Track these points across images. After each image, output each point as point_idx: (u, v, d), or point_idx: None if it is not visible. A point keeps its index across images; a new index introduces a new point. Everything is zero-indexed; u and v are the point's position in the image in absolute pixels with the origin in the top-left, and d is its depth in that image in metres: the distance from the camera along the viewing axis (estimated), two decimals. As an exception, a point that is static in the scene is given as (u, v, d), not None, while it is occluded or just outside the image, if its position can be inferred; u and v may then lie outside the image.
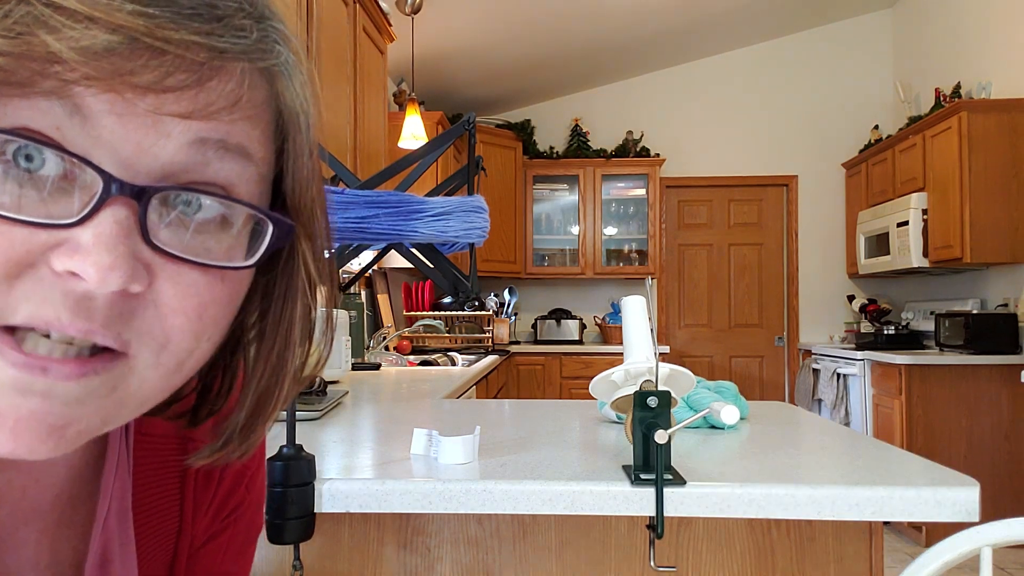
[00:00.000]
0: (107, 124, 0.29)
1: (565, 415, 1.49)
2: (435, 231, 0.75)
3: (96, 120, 0.29)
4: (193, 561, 0.53)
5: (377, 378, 2.48)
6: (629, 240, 5.44)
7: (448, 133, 0.83)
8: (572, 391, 4.86)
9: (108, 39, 0.27)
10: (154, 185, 0.31)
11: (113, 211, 0.30)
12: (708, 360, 5.61)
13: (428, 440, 1.08)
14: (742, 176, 5.57)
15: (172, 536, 0.50)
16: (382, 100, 2.93)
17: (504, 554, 1.12)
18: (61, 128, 0.29)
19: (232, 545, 0.55)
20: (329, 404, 1.57)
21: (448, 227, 0.76)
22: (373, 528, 1.12)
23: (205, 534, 0.53)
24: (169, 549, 0.50)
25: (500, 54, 4.74)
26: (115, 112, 0.29)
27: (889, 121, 5.39)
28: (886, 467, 1.00)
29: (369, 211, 0.73)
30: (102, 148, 0.30)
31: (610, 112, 5.68)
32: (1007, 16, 4.04)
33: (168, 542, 0.50)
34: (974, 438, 3.71)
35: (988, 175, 3.83)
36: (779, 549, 1.11)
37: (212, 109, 0.31)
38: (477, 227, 0.78)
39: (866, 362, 4.22)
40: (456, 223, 0.76)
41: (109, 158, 0.30)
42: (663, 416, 0.90)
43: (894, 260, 4.44)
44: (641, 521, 1.12)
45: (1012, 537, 0.86)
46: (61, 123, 0.29)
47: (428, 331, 4.19)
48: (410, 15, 3.72)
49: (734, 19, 4.98)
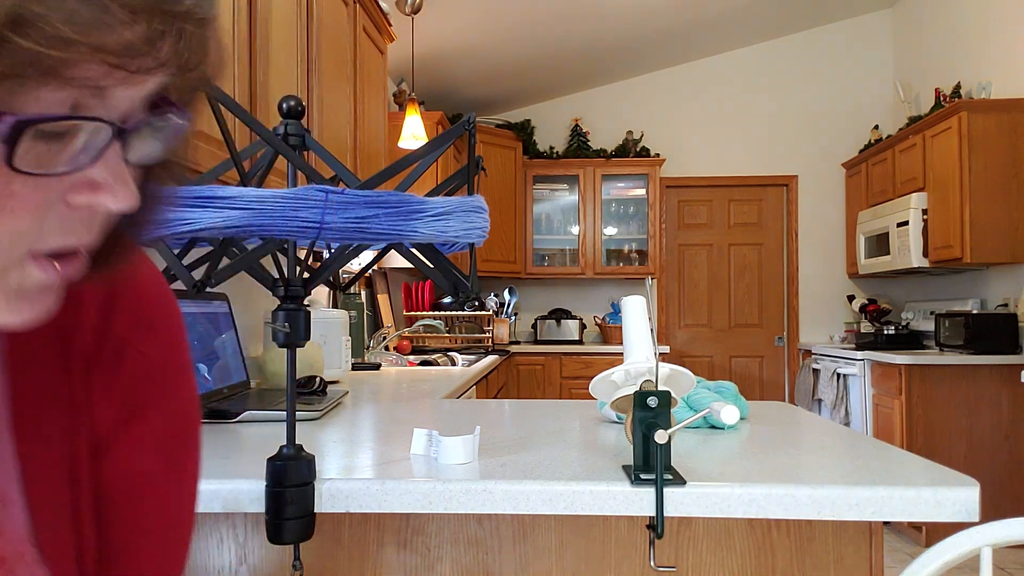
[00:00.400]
0: (117, 94, 0.37)
1: (565, 415, 1.49)
2: (435, 231, 0.75)
3: (110, 93, 0.37)
4: (101, 460, 0.51)
5: (377, 378, 2.48)
6: (629, 240, 5.44)
7: (448, 133, 0.83)
8: (572, 391, 4.86)
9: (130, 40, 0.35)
10: (129, 125, 0.39)
11: (113, 151, 0.38)
12: (708, 360, 5.61)
13: (428, 440, 1.08)
14: (742, 176, 5.57)
15: (66, 434, 0.49)
16: (382, 100, 2.93)
17: (504, 554, 1.12)
18: (80, 103, 0.36)
19: (149, 439, 0.53)
20: (329, 404, 1.57)
21: (448, 227, 0.76)
22: (373, 528, 1.12)
23: (110, 425, 0.51)
24: (65, 450, 0.49)
25: (500, 54, 4.74)
26: (124, 85, 0.37)
27: (889, 121, 5.40)
28: (886, 467, 1.00)
29: (369, 211, 0.73)
30: (111, 109, 0.37)
31: (610, 112, 5.68)
32: (1007, 16, 4.04)
33: (63, 442, 0.49)
34: (974, 438, 3.71)
35: (988, 175, 3.83)
36: (779, 549, 1.11)
37: None
38: (477, 227, 0.78)
39: (866, 362, 4.22)
40: (456, 223, 0.76)
41: (111, 114, 0.37)
42: (663, 416, 0.90)
43: (894, 260, 4.44)
44: (641, 521, 1.12)
45: (1012, 537, 0.86)
46: (83, 100, 0.36)
47: (428, 331, 4.19)
48: (410, 15, 3.72)
49: (734, 19, 4.98)
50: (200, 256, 0.84)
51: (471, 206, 0.77)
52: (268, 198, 0.74)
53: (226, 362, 1.68)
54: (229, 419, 1.42)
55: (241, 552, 1.12)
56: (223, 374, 1.64)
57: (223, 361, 1.66)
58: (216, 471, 0.98)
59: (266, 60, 1.71)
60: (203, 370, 1.53)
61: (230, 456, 1.09)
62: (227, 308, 1.79)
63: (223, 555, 1.12)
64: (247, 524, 1.12)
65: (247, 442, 1.21)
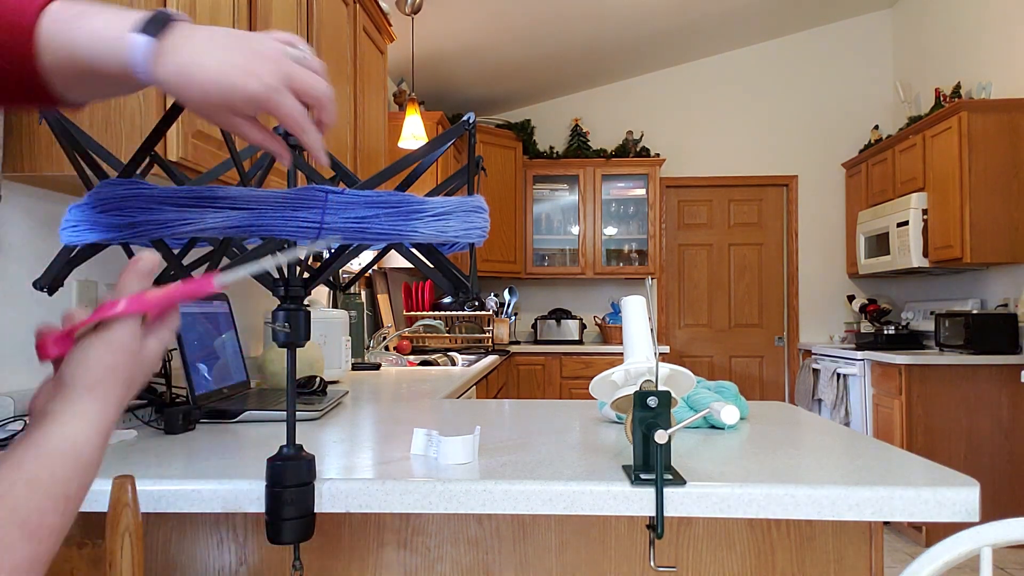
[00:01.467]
0: None
1: (565, 415, 1.49)
2: (435, 231, 0.75)
3: None
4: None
5: (377, 378, 2.48)
6: (629, 240, 5.44)
7: (448, 133, 0.83)
8: (572, 391, 4.86)
9: None
10: None
11: None
12: (708, 360, 5.61)
13: (428, 440, 1.08)
14: (742, 176, 5.57)
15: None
16: (382, 100, 2.93)
17: (504, 554, 1.12)
18: None
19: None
20: (329, 404, 1.57)
21: (448, 227, 0.76)
22: (373, 528, 1.12)
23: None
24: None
25: (500, 54, 4.74)
26: None
27: (889, 121, 5.40)
28: (886, 467, 1.00)
29: (369, 211, 0.73)
30: None
31: (610, 112, 5.68)
32: (1006, 16, 4.04)
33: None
34: (974, 438, 3.71)
35: (988, 175, 3.83)
36: (779, 549, 1.11)
37: None
38: (477, 227, 0.77)
39: (866, 362, 4.22)
40: (456, 223, 0.76)
41: None
42: (663, 416, 0.90)
43: (894, 260, 4.44)
44: (641, 521, 1.12)
45: (1012, 537, 0.86)
46: None
47: (428, 331, 4.19)
48: (410, 15, 3.72)
49: (734, 19, 4.98)
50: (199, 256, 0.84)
51: (471, 206, 0.77)
52: (268, 198, 0.74)
53: (226, 362, 1.68)
54: (229, 419, 1.42)
55: (241, 552, 1.12)
56: (223, 374, 1.64)
57: (223, 361, 1.66)
58: (216, 471, 0.98)
59: (266, 60, 1.71)
60: (203, 370, 1.53)
61: (230, 456, 1.09)
62: (227, 308, 1.79)
63: (223, 555, 1.12)
64: (247, 524, 1.12)
65: (247, 442, 1.21)
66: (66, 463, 0.49)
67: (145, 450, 1.14)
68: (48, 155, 1.23)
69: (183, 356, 1.46)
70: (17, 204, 1.34)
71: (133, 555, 0.81)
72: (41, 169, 1.24)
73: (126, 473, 0.85)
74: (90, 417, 0.51)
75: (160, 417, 1.38)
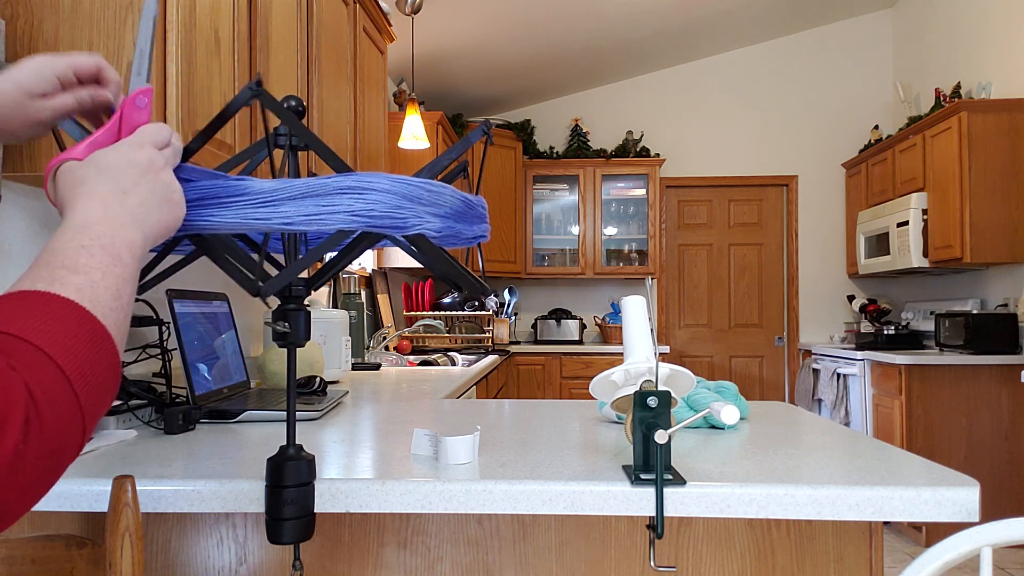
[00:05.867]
0: None
1: (565, 415, 1.49)
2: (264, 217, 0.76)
3: None
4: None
5: (377, 378, 2.48)
6: (629, 240, 5.44)
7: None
8: (572, 391, 4.87)
9: None
10: None
11: None
12: (708, 360, 5.61)
13: (428, 440, 1.07)
14: (742, 176, 5.57)
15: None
16: (382, 100, 2.93)
17: (504, 554, 1.12)
18: None
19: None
20: (329, 404, 1.57)
21: (285, 212, 0.76)
22: (373, 528, 1.12)
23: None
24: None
25: (500, 54, 4.74)
26: None
27: (889, 121, 5.40)
28: (886, 467, 1.00)
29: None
30: None
31: (610, 112, 5.68)
32: (1006, 16, 4.04)
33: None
34: (974, 438, 3.71)
35: (988, 175, 3.83)
36: (779, 549, 1.11)
37: None
38: (341, 211, 0.77)
39: (866, 362, 4.22)
40: (294, 207, 0.76)
41: None
42: (663, 416, 0.90)
43: (894, 260, 4.44)
44: (641, 521, 1.12)
45: (1012, 537, 0.86)
46: None
47: (428, 331, 4.19)
48: (410, 15, 3.72)
49: (734, 19, 4.98)
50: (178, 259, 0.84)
51: (334, 188, 0.73)
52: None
53: (226, 362, 1.68)
54: (229, 419, 1.42)
55: (241, 552, 1.12)
56: (223, 374, 1.64)
57: (223, 361, 1.66)
58: (216, 471, 0.98)
59: (266, 60, 1.71)
60: (203, 370, 1.53)
61: (230, 456, 1.09)
62: (227, 308, 1.79)
63: (223, 555, 1.12)
64: (247, 524, 1.12)
65: (247, 442, 1.21)
66: (76, 235, 0.57)
67: (145, 450, 1.14)
68: (48, 155, 1.23)
69: (183, 356, 1.46)
70: (17, 204, 1.34)
71: (133, 555, 0.81)
72: (41, 169, 1.24)
73: (126, 473, 0.85)
74: (83, 203, 0.61)
75: (160, 417, 1.38)
